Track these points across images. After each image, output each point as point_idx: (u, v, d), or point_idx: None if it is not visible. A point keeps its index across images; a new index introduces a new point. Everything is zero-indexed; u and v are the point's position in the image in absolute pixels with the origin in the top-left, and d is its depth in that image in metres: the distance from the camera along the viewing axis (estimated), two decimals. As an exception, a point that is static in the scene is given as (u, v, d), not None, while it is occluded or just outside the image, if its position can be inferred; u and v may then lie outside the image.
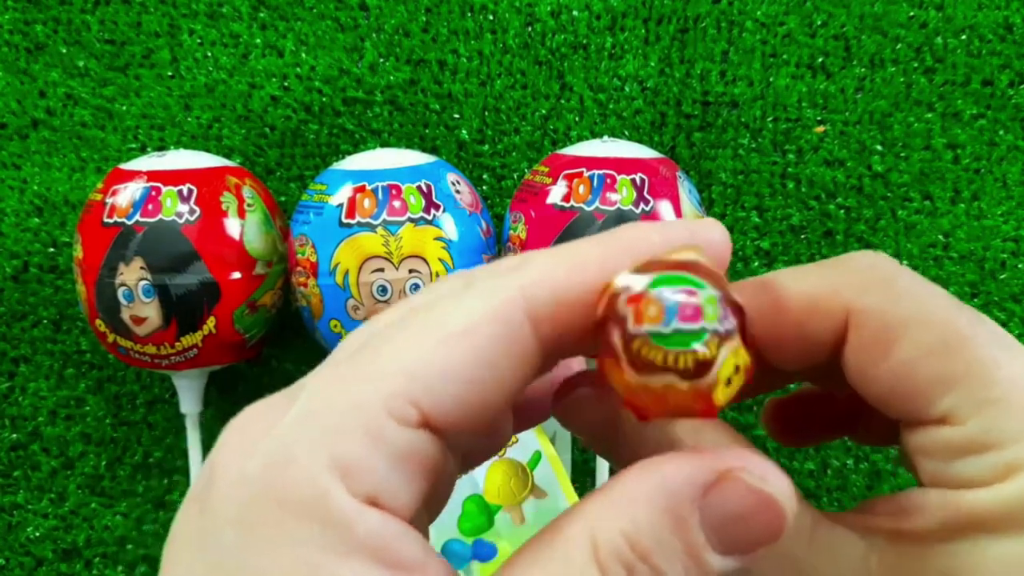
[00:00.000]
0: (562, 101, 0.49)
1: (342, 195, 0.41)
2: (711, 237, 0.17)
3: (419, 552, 0.15)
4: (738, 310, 0.15)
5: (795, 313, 0.18)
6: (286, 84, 0.50)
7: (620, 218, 0.39)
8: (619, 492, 0.16)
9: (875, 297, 0.17)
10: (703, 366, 0.15)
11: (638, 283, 0.15)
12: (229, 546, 0.15)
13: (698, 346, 0.15)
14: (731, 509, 0.15)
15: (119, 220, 0.40)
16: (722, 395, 0.15)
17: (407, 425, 0.15)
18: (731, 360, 0.15)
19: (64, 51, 0.51)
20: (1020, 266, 0.47)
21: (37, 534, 0.49)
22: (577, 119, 0.49)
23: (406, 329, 0.16)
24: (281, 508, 0.15)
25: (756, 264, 0.48)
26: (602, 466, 0.47)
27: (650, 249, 0.16)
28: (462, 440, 0.17)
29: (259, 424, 0.16)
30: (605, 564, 0.15)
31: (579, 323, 0.16)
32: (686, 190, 0.42)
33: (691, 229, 0.17)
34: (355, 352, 0.16)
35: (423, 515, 0.19)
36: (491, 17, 0.49)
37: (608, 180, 0.40)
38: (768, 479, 0.15)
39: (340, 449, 0.15)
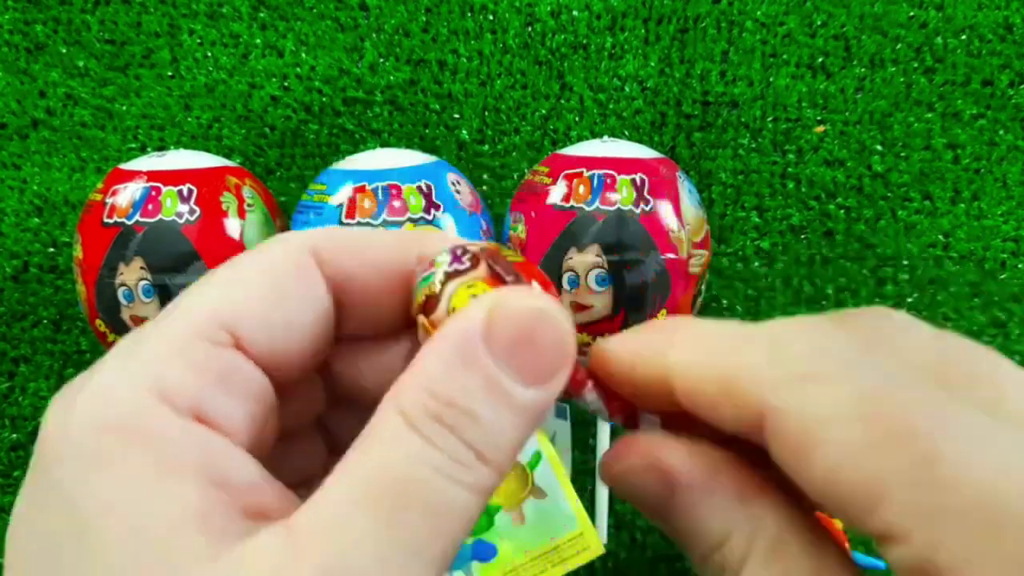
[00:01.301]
0: (562, 101, 0.49)
1: (342, 195, 0.40)
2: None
3: (252, 475, 0.16)
4: (475, 257, 0.17)
5: (690, 399, 0.17)
6: (286, 84, 0.50)
7: (620, 218, 0.39)
8: (412, 365, 0.16)
9: (789, 395, 0.15)
10: (432, 300, 0.17)
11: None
12: (57, 481, 0.15)
13: (423, 287, 0.17)
14: (511, 334, 0.16)
15: (119, 220, 0.40)
16: None
17: (220, 345, 0.16)
18: (464, 292, 0.17)
19: (64, 51, 0.51)
20: (1020, 266, 0.47)
21: (37, 534, 0.49)
22: (577, 119, 0.49)
23: (211, 275, 0.17)
24: (103, 434, 0.15)
25: (756, 264, 0.48)
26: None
27: (430, 248, 0.19)
28: (283, 377, 0.18)
29: (77, 382, 0.16)
30: (417, 424, 0.15)
31: (365, 278, 0.18)
32: (686, 190, 0.42)
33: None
34: (175, 300, 0.17)
35: (267, 450, 0.19)
36: (491, 17, 0.49)
37: (608, 180, 0.40)
38: (531, 295, 0.16)
39: (158, 372, 0.15)
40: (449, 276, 0.17)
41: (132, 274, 0.40)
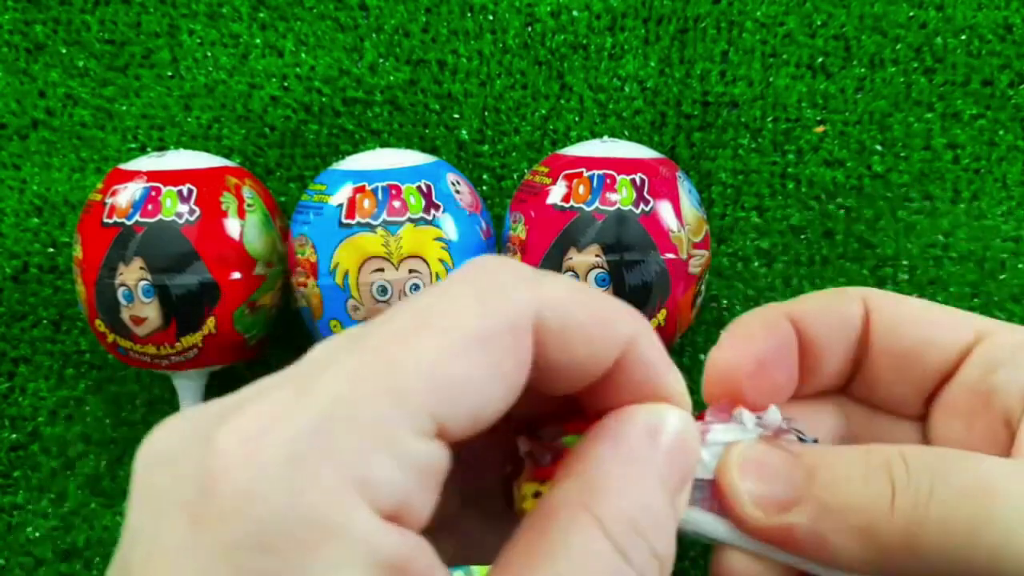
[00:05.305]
0: (562, 101, 0.49)
1: (342, 195, 0.41)
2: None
3: (431, 563, 0.15)
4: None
5: None
6: (286, 84, 0.50)
7: (620, 218, 0.39)
8: (604, 476, 0.17)
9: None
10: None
11: None
12: (247, 568, 0.14)
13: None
14: (689, 460, 0.19)
15: (119, 220, 0.40)
16: None
17: (427, 438, 0.15)
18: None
19: (64, 51, 0.51)
20: (1020, 266, 0.47)
21: (37, 534, 0.49)
22: (577, 119, 0.49)
23: (426, 331, 0.16)
24: (305, 530, 0.14)
25: (756, 264, 0.48)
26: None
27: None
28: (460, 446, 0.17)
29: (261, 423, 0.15)
30: (623, 547, 0.16)
31: (570, 357, 0.17)
32: (686, 190, 0.42)
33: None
34: (374, 350, 0.15)
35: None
36: (491, 17, 0.49)
37: (608, 180, 0.40)
38: (690, 419, 0.19)
39: (365, 469, 0.14)
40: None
41: (132, 274, 0.40)
